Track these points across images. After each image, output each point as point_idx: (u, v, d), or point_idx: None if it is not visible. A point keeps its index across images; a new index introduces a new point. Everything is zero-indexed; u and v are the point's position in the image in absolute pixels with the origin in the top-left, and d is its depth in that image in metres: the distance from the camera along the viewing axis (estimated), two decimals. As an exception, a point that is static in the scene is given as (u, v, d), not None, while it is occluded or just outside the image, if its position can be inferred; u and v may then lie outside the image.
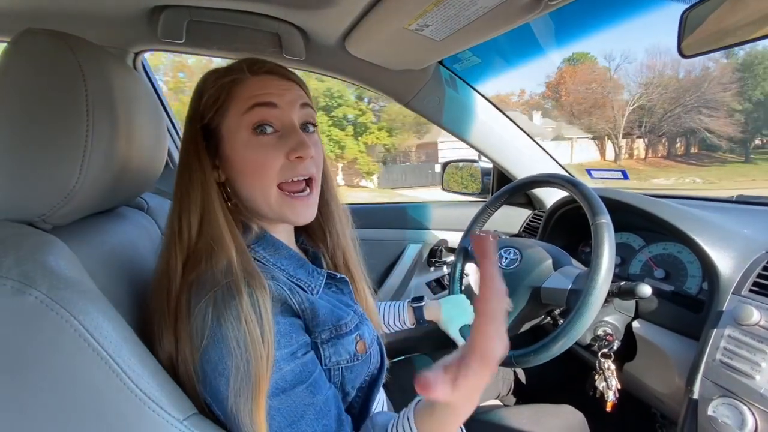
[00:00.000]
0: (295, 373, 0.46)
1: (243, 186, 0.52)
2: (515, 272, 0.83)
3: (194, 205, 0.49)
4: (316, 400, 0.47)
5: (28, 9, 0.77)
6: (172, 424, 0.39)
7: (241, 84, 0.50)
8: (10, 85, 0.41)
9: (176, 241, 0.48)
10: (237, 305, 0.43)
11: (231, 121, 0.50)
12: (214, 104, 0.50)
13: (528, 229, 1.35)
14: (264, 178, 0.50)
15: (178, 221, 0.49)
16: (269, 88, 0.51)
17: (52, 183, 0.42)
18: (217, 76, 0.52)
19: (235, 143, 0.50)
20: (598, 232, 0.69)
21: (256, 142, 0.50)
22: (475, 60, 1.15)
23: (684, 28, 0.57)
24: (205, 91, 0.52)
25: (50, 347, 0.36)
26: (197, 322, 0.43)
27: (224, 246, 0.47)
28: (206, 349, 0.43)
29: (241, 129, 0.50)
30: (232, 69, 0.51)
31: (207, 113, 0.51)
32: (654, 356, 0.78)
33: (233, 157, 0.51)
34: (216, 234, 0.48)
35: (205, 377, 0.43)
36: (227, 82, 0.50)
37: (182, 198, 0.50)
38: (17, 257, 0.36)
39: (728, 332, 0.64)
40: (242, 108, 0.49)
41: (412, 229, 1.40)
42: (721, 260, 0.72)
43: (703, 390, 0.64)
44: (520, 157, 1.26)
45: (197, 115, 0.52)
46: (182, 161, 0.52)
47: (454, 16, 0.68)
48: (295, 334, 0.48)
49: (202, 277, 0.46)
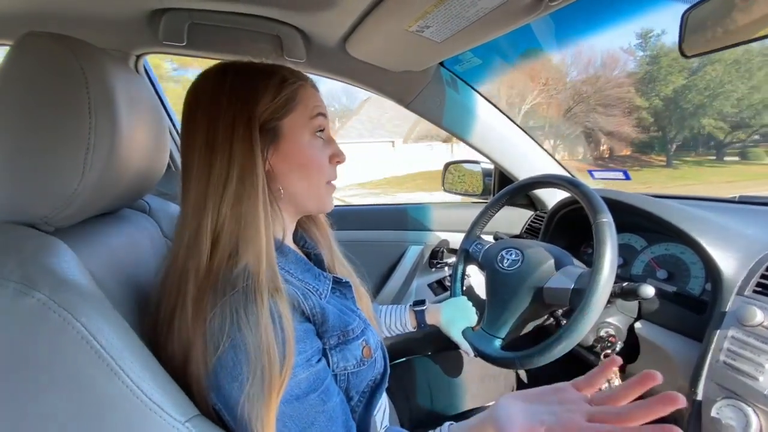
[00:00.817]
0: (309, 380, 0.46)
1: (297, 179, 0.55)
2: (517, 273, 0.82)
3: (233, 202, 0.48)
4: (326, 407, 0.47)
5: (31, 12, 0.77)
6: (173, 426, 0.39)
7: (306, 91, 0.55)
8: (13, 87, 0.41)
9: (198, 242, 0.47)
10: (257, 310, 0.43)
11: (298, 121, 0.54)
12: (284, 105, 0.53)
13: (530, 230, 1.35)
14: (321, 174, 0.57)
15: (204, 220, 0.47)
16: (320, 101, 0.58)
17: (55, 185, 0.42)
18: (278, 80, 0.53)
19: (299, 141, 0.54)
20: (599, 231, 0.69)
21: (316, 143, 0.56)
22: (476, 61, 1.15)
23: (685, 28, 0.57)
24: (268, 91, 0.52)
25: (52, 349, 0.36)
26: (214, 325, 0.43)
27: (257, 242, 0.47)
28: (222, 353, 0.42)
29: (306, 130, 0.55)
30: (292, 74, 0.55)
31: (271, 114, 0.52)
32: (657, 357, 0.78)
33: (296, 153, 0.54)
34: (251, 235, 0.47)
35: (218, 381, 0.43)
36: (296, 88, 0.54)
37: (214, 193, 0.48)
38: (19, 259, 0.36)
39: (732, 333, 0.64)
40: (309, 113, 0.55)
41: (413, 230, 1.40)
42: (724, 261, 0.71)
43: (707, 391, 0.64)
44: (522, 158, 1.26)
45: (251, 115, 0.50)
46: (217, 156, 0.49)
47: (454, 18, 0.68)
48: (309, 340, 0.48)
49: (224, 281, 0.45)
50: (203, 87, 0.53)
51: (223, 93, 0.51)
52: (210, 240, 0.47)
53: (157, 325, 0.47)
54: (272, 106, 0.52)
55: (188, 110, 0.52)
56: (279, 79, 0.54)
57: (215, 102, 0.51)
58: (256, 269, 0.45)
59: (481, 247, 0.95)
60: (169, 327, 0.45)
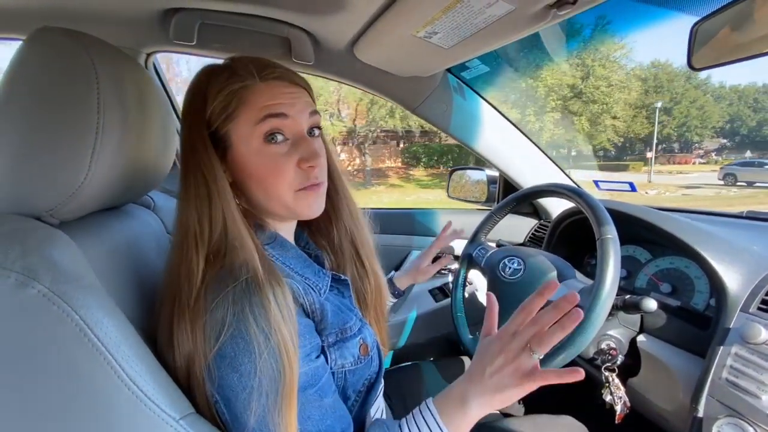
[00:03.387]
0: (307, 375, 0.46)
1: (257, 189, 0.52)
2: (519, 283, 0.82)
3: (212, 206, 0.48)
4: (323, 403, 0.47)
5: (44, 8, 0.78)
6: (167, 422, 0.39)
7: (251, 91, 0.49)
8: (24, 81, 0.42)
9: (195, 241, 0.47)
10: (260, 302, 0.43)
11: (242, 129, 0.49)
12: (223, 111, 0.49)
13: (533, 239, 1.34)
14: (279, 184, 0.51)
15: (196, 221, 0.47)
16: (280, 97, 0.50)
17: (61, 178, 0.42)
18: (223, 80, 0.49)
19: (246, 150, 0.50)
20: (603, 247, 0.69)
21: (267, 150, 0.50)
22: (483, 68, 1.15)
23: (694, 41, 0.57)
24: (210, 96, 0.49)
25: (50, 341, 0.36)
26: (214, 319, 0.43)
27: (245, 244, 0.47)
28: (224, 344, 0.42)
29: (252, 137, 0.49)
30: (238, 74, 0.49)
31: (215, 120, 0.50)
32: (659, 372, 0.77)
33: (244, 163, 0.50)
34: (236, 233, 0.47)
35: (220, 372, 0.42)
36: (237, 89, 0.49)
37: (196, 198, 0.48)
38: (23, 250, 0.37)
39: (735, 350, 0.63)
40: (254, 117, 0.49)
41: (417, 235, 1.39)
42: (729, 276, 0.70)
43: (708, 409, 0.63)
44: (527, 166, 1.25)
45: (202, 121, 0.50)
46: (188, 163, 0.50)
47: (462, 25, 0.68)
48: (308, 335, 0.48)
49: (223, 275, 0.45)
50: (190, 88, 0.53)
51: (189, 94, 0.52)
52: (208, 238, 0.47)
53: (160, 321, 0.47)
54: (215, 110, 0.49)
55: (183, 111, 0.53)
56: (223, 78, 0.50)
57: (186, 103, 0.52)
58: (253, 264, 0.45)
59: (484, 252, 0.95)
60: (171, 323, 0.45)
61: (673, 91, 25.49)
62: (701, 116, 26.52)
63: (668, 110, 26.06)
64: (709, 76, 30.50)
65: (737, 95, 30.58)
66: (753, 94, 30.60)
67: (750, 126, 30.44)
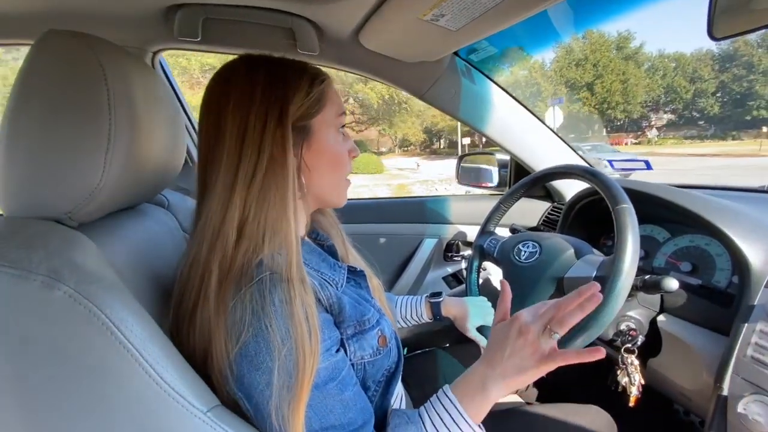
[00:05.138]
0: (329, 370, 0.47)
1: (323, 174, 0.56)
2: (536, 265, 0.81)
3: (265, 195, 0.48)
4: (344, 396, 0.47)
5: (49, 11, 0.79)
6: (196, 415, 0.40)
7: (331, 88, 0.56)
8: (35, 85, 0.42)
9: (224, 234, 0.46)
10: (287, 298, 0.43)
11: (325, 119, 0.55)
12: (315, 104, 0.53)
13: (547, 222, 1.32)
14: (344, 168, 0.59)
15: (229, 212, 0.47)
16: (340, 97, 0.58)
17: (78, 181, 0.43)
18: (307, 76, 0.53)
19: (326, 139, 0.55)
20: (620, 217, 0.67)
21: (340, 139, 0.58)
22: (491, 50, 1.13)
23: (714, 8, 0.54)
24: (296, 88, 0.52)
25: (79, 341, 0.37)
26: (236, 314, 0.43)
27: (290, 239, 0.47)
28: (245, 343, 0.43)
29: (332, 128, 0.56)
30: (319, 72, 0.56)
31: (299, 109, 0.52)
32: (680, 352, 0.76)
33: (323, 150, 0.55)
34: (285, 225, 0.48)
35: (240, 371, 0.43)
36: (324, 87, 0.55)
37: (249, 188, 0.48)
38: (46, 253, 0.37)
39: (760, 327, 0.62)
40: (336, 110, 0.56)
41: (429, 223, 1.39)
42: (753, 252, 0.69)
43: (733, 387, 0.62)
44: (538, 148, 1.23)
45: (281, 108, 0.50)
46: (253, 154, 0.49)
47: (470, 5, 0.66)
48: (328, 330, 0.49)
49: (247, 269, 0.45)
50: (233, 79, 0.52)
51: (256, 87, 0.50)
52: (236, 232, 0.47)
53: (178, 318, 0.48)
54: (305, 104, 0.52)
55: (216, 102, 0.51)
56: (309, 77, 0.54)
57: (247, 95, 0.50)
58: (285, 259, 0.46)
59: (496, 242, 0.94)
60: (191, 320, 0.46)
61: (597, 64, 23.38)
62: (624, 90, 24.30)
63: (590, 86, 23.98)
64: (644, 43, 26.87)
65: (674, 64, 27.09)
66: (692, 62, 27.06)
67: (686, 99, 27.37)
